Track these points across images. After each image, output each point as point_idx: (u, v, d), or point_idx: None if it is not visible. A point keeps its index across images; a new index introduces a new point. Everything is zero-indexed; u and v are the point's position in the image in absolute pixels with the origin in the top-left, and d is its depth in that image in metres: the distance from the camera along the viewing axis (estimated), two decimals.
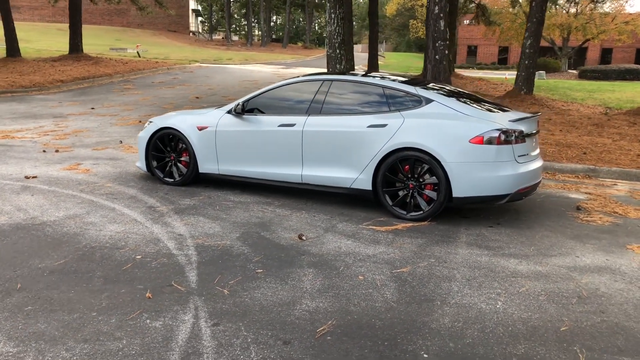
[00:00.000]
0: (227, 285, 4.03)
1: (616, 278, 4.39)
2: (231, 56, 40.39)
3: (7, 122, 12.47)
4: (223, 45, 51.74)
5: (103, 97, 17.50)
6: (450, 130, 5.58)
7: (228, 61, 36.38)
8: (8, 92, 18.12)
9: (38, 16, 55.38)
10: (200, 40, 56.08)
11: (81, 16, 25.43)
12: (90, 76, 21.62)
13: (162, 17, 55.03)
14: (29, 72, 21.09)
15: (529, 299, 3.95)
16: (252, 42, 56.67)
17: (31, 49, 32.44)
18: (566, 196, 7.02)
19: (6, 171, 7.48)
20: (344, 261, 4.57)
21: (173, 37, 52.60)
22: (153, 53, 38.16)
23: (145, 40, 47.75)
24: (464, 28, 49.87)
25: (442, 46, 11.50)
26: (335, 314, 3.62)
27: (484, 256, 4.80)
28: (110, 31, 51.48)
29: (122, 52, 36.59)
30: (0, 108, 14.83)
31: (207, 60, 35.74)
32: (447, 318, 3.62)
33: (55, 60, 24.58)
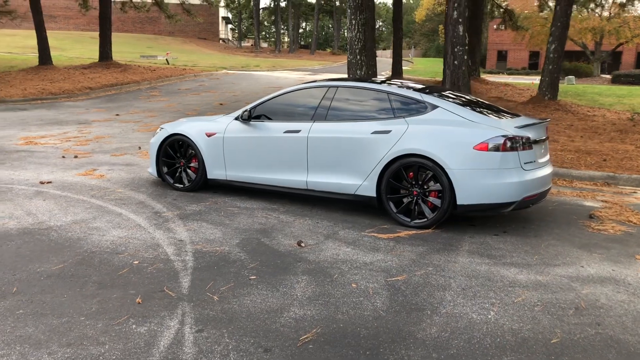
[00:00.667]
0: (218, 291, 4.04)
1: (619, 289, 4.27)
2: (259, 63, 40.72)
3: (34, 128, 12.77)
4: (252, 52, 52.20)
5: (129, 104, 17.79)
6: (454, 137, 5.51)
7: (255, 68, 36.69)
8: (38, 99, 18.58)
9: (73, 25, 56.73)
10: (229, 48, 56.68)
11: (111, 25, 25.95)
12: (118, 83, 22.02)
13: (192, 25, 55.83)
14: (60, 80, 21.58)
15: (524, 310, 3.86)
16: (280, 49, 57.02)
17: (65, 57, 33.24)
18: (580, 204, 6.86)
19: (23, 176, 7.65)
20: (339, 269, 4.54)
21: (203, 45, 53.28)
22: (182, 60, 38.74)
23: (176, 48, 48.50)
24: (494, 33, 49.33)
25: (461, 51, 11.39)
26: (321, 322, 3.59)
27: (484, 265, 4.71)
28: (142, 39, 52.44)
29: (152, 60, 37.21)
30: (29, 115, 15.18)
31: (234, 67, 36.13)
32: (435, 328, 3.56)
33: (85, 68, 25.11)
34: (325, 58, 53.76)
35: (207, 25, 57.33)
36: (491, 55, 52.57)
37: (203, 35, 57.05)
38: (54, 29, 55.40)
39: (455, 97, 6.24)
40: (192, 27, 55.89)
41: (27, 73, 22.82)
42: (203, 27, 56.87)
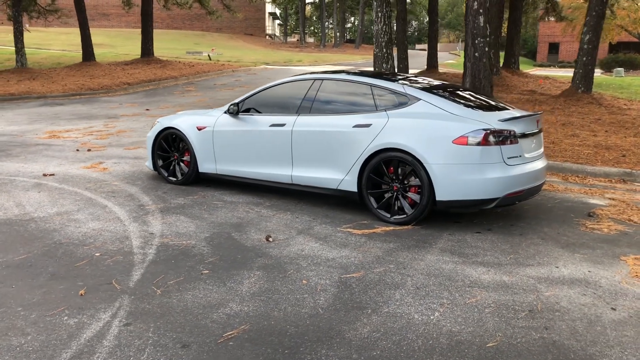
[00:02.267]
0: (165, 285, 4.02)
1: (586, 292, 4.02)
2: (302, 58, 40.78)
3: (63, 122, 13.13)
4: (296, 48, 52.33)
5: (162, 99, 18.10)
6: (434, 131, 5.32)
7: (298, 63, 36.75)
8: (77, 95, 19.14)
9: (125, 22, 58.19)
10: (275, 43, 57.01)
11: (152, 21, 26.47)
12: (156, 79, 22.44)
13: (239, 21, 56.41)
14: (100, 76, 22.17)
15: (472, 311, 3.68)
16: (325, 44, 56.93)
17: (114, 53, 34.11)
18: (584, 201, 6.53)
19: (30, 169, 7.86)
20: (298, 264, 4.45)
21: (249, 40, 53.77)
22: (227, 56, 39.18)
23: (222, 44, 49.13)
24: (545, 25, 47.79)
25: (482, 43, 11.03)
26: (252, 319, 3.52)
27: (451, 263, 4.53)
28: (190, 35, 53.36)
29: (197, 56, 37.78)
30: (63, 109, 15.65)
31: (277, 62, 36.30)
32: (368, 328, 3.43)
33: (126, 64, 25.72)
34: (370, 52, 53.31)
35: (254, 21, 57.81)
36: (542, 47, 50.96)
37: (250, 31, 57.57)
38: (107, 26, 57.04)
39: (443, 90, 6.02)
40: (239, 23, 56.46)
41: (70, 70, 23.54)
42: (250, 23, 57.39)
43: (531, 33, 57.27)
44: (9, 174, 7.55)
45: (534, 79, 20.32)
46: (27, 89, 18.95)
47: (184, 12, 49.67)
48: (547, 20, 31.00)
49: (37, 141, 10.36)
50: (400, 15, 18.66)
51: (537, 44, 51.83)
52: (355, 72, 6.33)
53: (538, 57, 51.07)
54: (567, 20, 26.78)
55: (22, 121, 13.25)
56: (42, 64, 26.93)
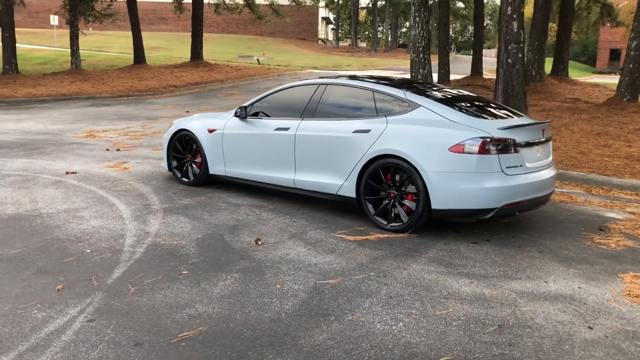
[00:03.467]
0: (141, 283, 4.09)
1: (568, 309, 3.86)
2: (351, 62, 40.79)
3: (104, 122, 13.58)
4: (347, 52, 52.40)
5: (205, 102, 18.46)
6: (430, 138, 5.22)
7: (347, 67, 36.81)
8: (124, 96, 19.76)
9: (182, 27, 59.64)
10: (326, 48, 57.25)
11: (202, 26, 27.07)
12: (202, 82, 22.92)
13: (292, 26, 56.96)
14: (148, 78, 22.82)
15: (438, 324, 3.59)
16: (376, 48, 56.76)
17: (167, 56, 35.00)
18: (600, 215, 6.27)
19: (56, 166, 8.16)
20: (278, 268, 4.45)
21: (301, 45, 54.20)
22: (277, 60, 39.64)
23: (274, 48, 49.71)
24: (606, 30, 46.16)
25: (515, 49, 10.75)
26: (213, 321, 3.54)
27: (434, 274, 4.43)
28: (243, 40, 54.25)
29: (248, 59, 38.36)
30: (108, 110, 16.18)
31: (326, 66, 36.44)
32: (325, 335, 3.39)
33: (176, 67, 26.38)
34: None
35: (307, 26, 58.24)
36: (602, 54, 49.21)
37: (302, 36, 58.03)
38: (165, 30, 58.66)
39: (447, 96, 5.91)
40: (293, 27, 57.00)
41: (121, 72, 24.34)
42: (303, 27, 57.85)
43: (592, 39, 55.45)
44: (36, 170, 7.86)
45: (581, 87, 19.64)
46: (78, 89, 19.69)
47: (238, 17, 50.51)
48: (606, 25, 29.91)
49: (72, 140, 10.74)
50: (442, 20, 18.42)
51: (597, 50, 50.08)
52: (360, 78, 6.29)
53: (598, 63, 49.36)
54: (624, 25, 25.75)
55: (66, 120, 13.78)
56: (97, 65, 27.97)
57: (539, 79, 16.31)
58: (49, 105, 17.50)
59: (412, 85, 6.12)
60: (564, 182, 7.87)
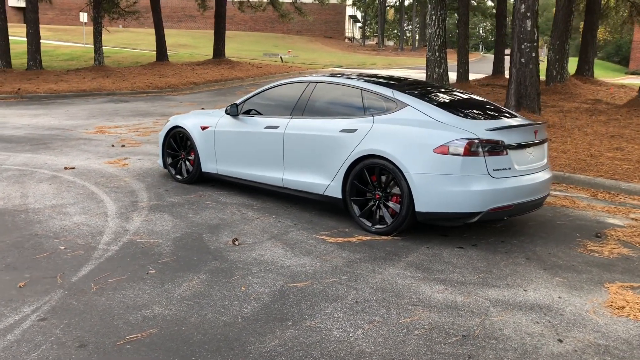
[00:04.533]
0: (105, 282, 4.03)
1: (541, 320, 3.67)
2: (376, 61, 40.51)
3: (117, 118, 13.66)
4: (374, 51, 52.07)
5: (223, 99, 18.47)
6: (415, 138, 5.06)
7: (371, 66, 36.57)
8: (144, 93, 19.90)
9: (210, 25, 59.89)
10: (353, 46, 56.99)
11: (225, 23, 27.15)
12: (222, 79, 22.97)
13: (319, 24, 56.86)
14: (169, 75, 22.95)
15: (399, 332, 3.44)
16: (403, 47, 56.27)
17: (194, 53, 35.17)
18: (600, 220, 6.03)
19: (57, 162, 8.20)
20: (248, 270, 4.35)
21: (327, 43, 54.05)
22: (302, 58, 39.56)
23: (300, 46, 49.67)
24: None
25: (529, 48, 10.47)
26: (166, 323, 3.45)
27: (409, 279, 4.28)
28: (270, 37, 54.34)
29: (273, 57, 38.36)
30: (125, 106, 16.30)
31: (351, 65, 36.24)
32: (276, 341, 3.28)
33: (198, 65, 26.49)
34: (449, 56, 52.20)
35: (334, 24, 58.07)
36: (636, 53, 47.90)
37: (329, 34, 57.88)
38: (193, 28, 59.12)
39: (438, 96, 5.73)
40: (319, 25, 56.89)
41: (143, 69, 24.54)
42: (330, 25, 57.69)
43: (627, 38, 54.09)
44: (35, 165, 7.91)
45: (606, 87, 19.10)
46: (98, 86, 19.90)
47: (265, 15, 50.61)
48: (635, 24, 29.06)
49: (82, 135, 10.81)
50: (462, 19, 18.10)
51: (631, 49, 48.81)
52: (351, 76, 6.15)
53: (631, 64, 48.09)
54: None
55: (81, 116, 13.90)
56: (122, 62, 28.27)
57: (560, 79, 15.90)
58: (69, 101, 17.70)
59: (403, 85, 5.95)
60: (570, 186, 7.62)
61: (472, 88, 17.34)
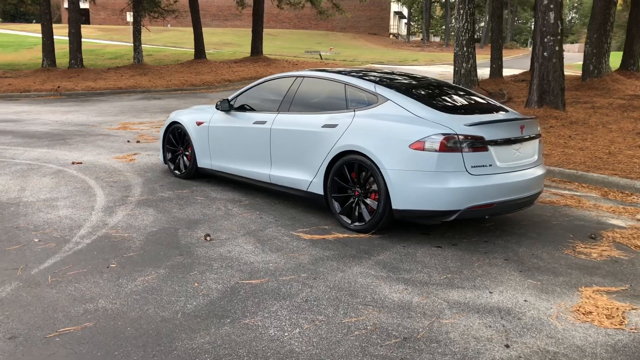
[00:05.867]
0: (62, 275, 4.06)
1: (495, 324, 3.49)
2: (419, 57, 40.00)
3: (145, 115, 13.91)
4: (418, 47, 51.41)
5: None
6: (392, 134, 4.92)
7: (413, 62, 36.17)
8: (178, 90, 20.23)
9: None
10: (397, 42, 56.44)
11: (263, 21, 27.29)
12: (257, 76, 23.07)
13: (363, 20, 56.57)
14: (205, 72, 23.24)
15: (338, 332, 3.33)
16: (448, 43, 55.31)
17: (235, 52, 35.51)
18: (602, 221, 5.73)
19: (69, 157, 8.38)
20: (209, 265, 4.32)
21: (371, 40, 53.72)
22: (343, 55, 39.46)
23: (344, 43, 49.54)
24: None
25: (552, 42, 10.07)
26: (105, 317, 3.45)
27: (371, 278, 4.15)
28: (314, 35, 54.41)
29: (314, 55, 38.40)
30: (156, 103, 16.59)
31: (392, 61, 35.92)
32: (207, 338, 3.22)
33: (234, 62, 26.74)
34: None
35: (378, 21, 57.65)
36: None
37: (374, 31, 57.50)
38: (238, 26, 59.74)
39: (425, 90, 5.55)
40: (364, 22, 56.60)
41: (181, 66, 24.94)
42: (374, 22, 57.31)
43: None
44: (46, 160, 8.10)
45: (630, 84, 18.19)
46: (134, 83, 20.33)
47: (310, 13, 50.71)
48: None
49: (103, 131, 11.04)
50: (496, 13, 17.60)
51: None
52: (339, 71, 6.03)
53: None
54: None
55: (111, 113, 14.22)
56: (162, 60, 28.82)
57: (597, 74, 15.25)
58: (105, 98, 18.15)
59: (391, 79, 5.80)
60: (582, 185, 7.29)
61: (505, 84, 16.87)
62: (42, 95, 18.36)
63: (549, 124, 9.81)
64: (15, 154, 8.54)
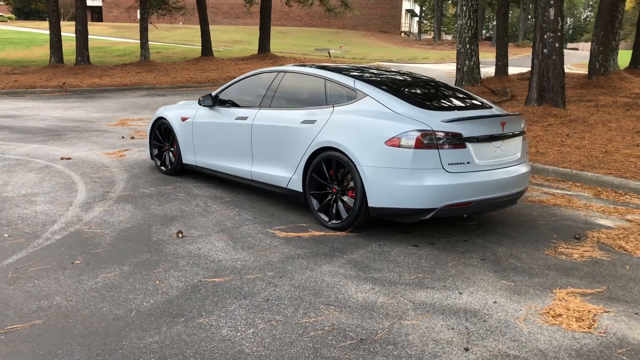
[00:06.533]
0: (25, 271, 4.00)
1: (458, 326, 3.38)
2: (429, 55, 39.73)
3: (145, 112, 13.88)
4: (429, 45, 51.08)
5: None
6: (368, 130, 4.81)
7: (423, 60, 35.95)
8: (183, 87, 20.20)
9: None
10: (408, 40, 56.14)
11: (270, 18, 27.23)
12: None
13: (375, 18, 56.32)
14: (211, 70, 23.22)
15: (293, 333, 3.23)
16: None
17: (245, 49, 35.47)
18: (589, 221, 5.58)
19: (59, 152, 8.35)
20: (175, 263, 4.24)
21: (382, 38, 53.48)
22: (353, 53, 39.28)
23: (354, 41, 49.35)
24: None
25: (552, 38, 9.88)
26: (56, 315, 3.37)
27: (339, 277, 4.05)
28: (325, 33, 54.26)
29: (324, 53, 38.27)
30: (159, 100, 16.56)
31: (401, 59, 35.71)
32: (156, 338, 3.14)
33: (241, 60, 26.70)
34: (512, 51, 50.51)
35: (390, 19, 57.37)
36: None
37: (385, 29, 57.23)
38: (250, 24, 59.74)
39: (406, 86, 5.43)
40: (375, 20, 56.35)
41: (187, 64, 24.95)
42: (385, 20, 57.04)
43: None
44: (36, 155, 8.07)
45: None
46: (140, 80, 20.34)
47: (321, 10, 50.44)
48: None
49: (100, 127, 11.01)
50: (502, 10, 17.37)
51: None
52: (320, 66, 5.92)
53: None
54: None
55: (112, 109, 14.21)
56: (170, 57, 28.86)
57: (604, 72, 14.98)
58: (109, 94, 18.16)
59: (373, 75, 5.68)
60: (576, 184, 7.13)
61: (510, 82, 16.65)
62: (47, 92, 18.41)
63: (548, 122, 9.63)
64: (7, 149, 8.52)
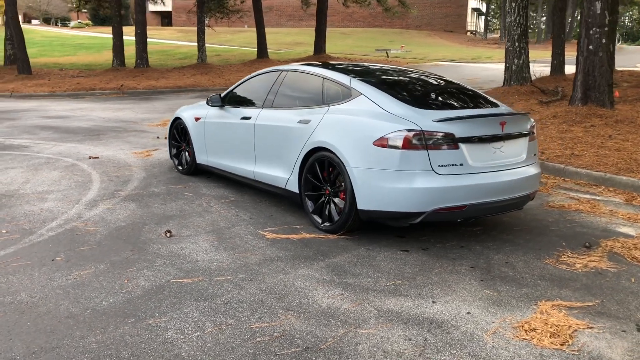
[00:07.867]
0: (4, 267, 4.09)
1: (418, 337, 3.18)
2: (493, 55, 38.66)
3: None
4: (495, 44, 49.67)
5: None
6: (359, 130, 4.65)
7: (486, 60, 35.02)
8: None
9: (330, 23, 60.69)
10: (473, 40, 54.79)
11: (326, 20, 27.25)
12: None
13: (439, 18, 55.37)
14: None
15: (238, 338, 3.13)
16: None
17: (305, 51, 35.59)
18: (609, 229, 5.20)
19: (90, 151, 8.60)
20: (152, 263, 4.22)
21: (447, 37, 52.47)
22: (415, 53, 38.75)
23: (418, 41, 48.67)
24: None
25: (598, 34, 9.31)
26: (13, 311, 3.41)
27: (311, 281, 3.92)
28: (388, 33, 53.81)
29: (383, 53, 37.97)
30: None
31: (463, 59, 34.93)
32: (99, 338, 3.11)
33: (296, 61, 26.77)
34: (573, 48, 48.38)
35: (455, 18, 56.22)
36: None
37: (450, 28, 56.12)
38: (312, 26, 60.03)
39: (407, 85, 5.23)
40: (439, 19, 55.39)
41: (243, 66, 25.30)
42: (451, 19, 55.96)
43: None
44: (66, 154, 8.34)
45: None
46: (194, 82, 20.77)
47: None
48: None
49: (140, 128, 11.28)
50: (558, 5, 16.59)
51: None
52: (321, 64, 5.78)
53: None
54: None
55: (159, 110, 14.55)
56: (229, 60, 29.37)
57: None
58: (163, 96, 18.63)
59: (372, 73, 5.50)
60: (609, 189, 6.68)
61: (565, 81, 15.85)
62: (105, 94, 19.08)
63: (590, 123, 9.08)
64: (43, 148, 8.84)
